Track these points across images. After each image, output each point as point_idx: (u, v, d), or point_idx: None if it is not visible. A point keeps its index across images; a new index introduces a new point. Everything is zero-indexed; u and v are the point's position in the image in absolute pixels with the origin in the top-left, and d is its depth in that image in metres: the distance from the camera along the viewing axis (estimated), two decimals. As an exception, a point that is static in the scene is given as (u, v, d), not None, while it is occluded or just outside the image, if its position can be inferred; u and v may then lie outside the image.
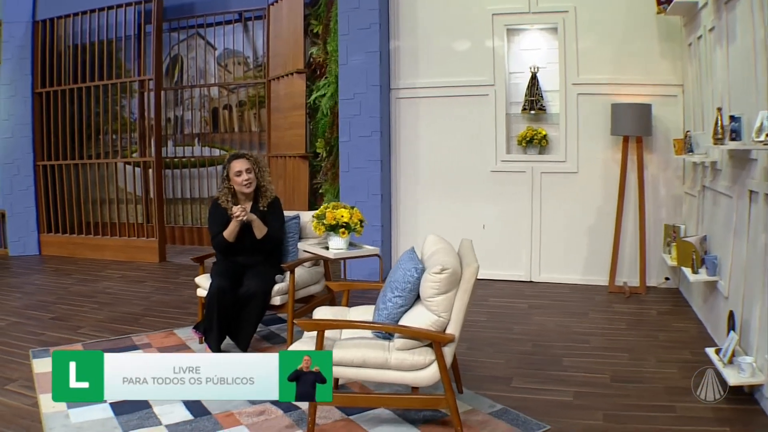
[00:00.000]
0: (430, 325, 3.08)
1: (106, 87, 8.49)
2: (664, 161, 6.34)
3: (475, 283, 3.13)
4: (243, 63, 8.99)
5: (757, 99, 3.80)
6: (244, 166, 4.64)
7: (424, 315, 3.12)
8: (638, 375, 4.15)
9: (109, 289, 6.70)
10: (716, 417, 3.48)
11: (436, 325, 3.08)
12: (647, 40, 6.27)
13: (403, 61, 7.00)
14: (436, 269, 3.05)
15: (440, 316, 3.08)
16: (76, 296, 6.38)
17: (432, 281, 3.06)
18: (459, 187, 6.86)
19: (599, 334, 5.04)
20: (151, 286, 6.81)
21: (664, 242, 6.10)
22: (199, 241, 9.15)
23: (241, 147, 8.90)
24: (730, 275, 4.39)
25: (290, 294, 4.46)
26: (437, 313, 3.08)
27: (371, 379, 3.19)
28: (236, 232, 4.60)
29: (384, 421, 3.46)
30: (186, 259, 8.20)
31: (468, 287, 3.09)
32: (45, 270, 7.81)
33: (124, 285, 6.88)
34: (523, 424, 3.46)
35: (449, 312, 3.09)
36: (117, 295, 6.41)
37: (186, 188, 9.27)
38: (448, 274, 3.05)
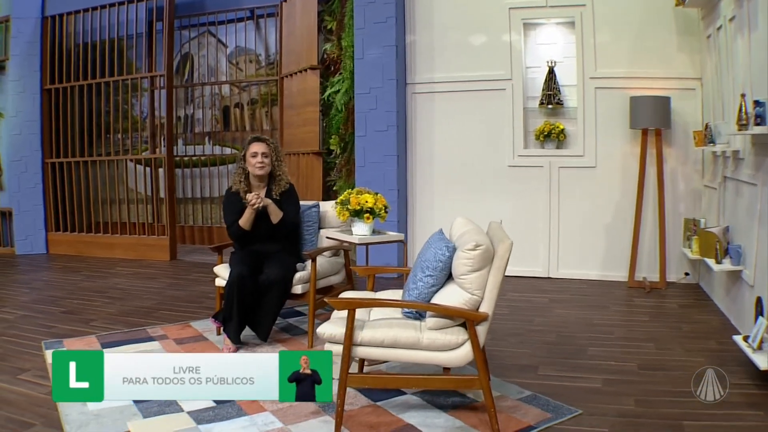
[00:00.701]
0: (463, 304, 3.07)
1: (117, 84, 8.52)
2: (683, 155, 6.34)
3: (508, 261, 3.12)
4: (255, 61, 9.01)
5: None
6: (260, 149, 4.65)
7: (456, 293, 3.11)
8: (666, 363, 4.13)
9: (120, 285, 6.69)
10: (747, 402, 3.47)
11: (470, 304, 3.07)
12: (665, 34, 6.28)
13: (419, 55, 7.02)
14: (469, 246, 3.04)
15: (473, 294, 3.06)
16: (87, 291, 6.37)
17: (465, 258, 3.05)
18: (476, 182, 6.86)
19: (622, 325, 5.02)
20: (163, 282, 6.80)
21: (684, 236, 6.09)
22: (209, 240, 9.14)
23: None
24: (755, 263, 4.38)
25: (312, 282, 4.45)
26: (470, 291, 3.07)
27: (402, 360, 3.17)
28: (252, 219, 4.59)
29: (412, 407, 3.45)
30: (198, 257, 8.21)
31: (501, 264, 3.08)
32: (53, 267, 7.81)
33: (135, 281, 6.87)
34: (555, 409, 3.44)
35: (482, 290, 3.08)
36: (128, 291, 6.40)
37: (197, 188, 9.28)
38: (481, 251, 3.04)
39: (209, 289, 6.36)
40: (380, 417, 3.33)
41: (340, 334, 3.09)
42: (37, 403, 3.55)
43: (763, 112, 4.02)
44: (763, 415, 3.29)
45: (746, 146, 4.70)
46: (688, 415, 3.31)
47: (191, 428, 3.19)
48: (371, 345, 3.09)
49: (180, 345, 4.58)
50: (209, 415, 3.35)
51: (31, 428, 3.20)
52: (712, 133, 5.38)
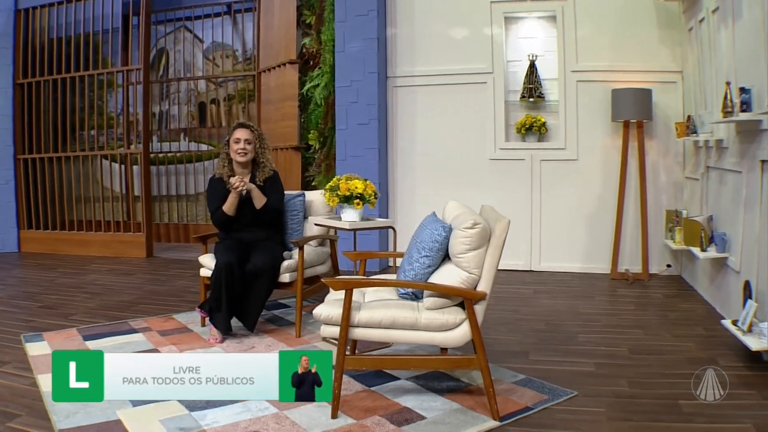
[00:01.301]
0: (461, 283, 3.06)
1: (91, 78, 8.37)
2: (664, 148, 6.41)
3: (505, 240, 3.12)
4: (231, 56, 8.94)
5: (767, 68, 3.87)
6: (244, 136, 4.61)
7: (454, 273, 3.10)
8: (656, 348, 4.17)
9: (98, 281, 6.57)
10: (740, 382, 3.50)
11: (468, 283, 3.06)
12: (646, 27, 6.36)
13: (400, 48, 7.02)
14: (467, 224, 3.04)
15: (471, 273, 3.06)
16: (64, 287, 6.24)
17: (463, 236, 3.04)
18: (457, 176, 6.87)
19: (609, 314, 5.06)
20: (142, 278, 6.69)
21: (666, 228, 6.16)
22: (185, 238, 9.03)
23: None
24: (741, 249, 4.44)
25: (299, 270, 4.41)
26: (468, 270, 3.06)
27: (399, 341, 3.15)
28: (236, 204, 4.54)
29: (407, 391, 3.42)
30: (175, 254, 8.10)
31: (499, 243, 3.08)
32: (27, 265, 7.64)
33: (113, 277, 6.75)
34: (550, 391, 3.44)
35: (480, 269, 3.07)
36: (107, 286, 6.28)
37: (172, 185, 9.16)
38: (479, 229, 3.04)
39: (190, 284, 6.28)
40: (376, 401, 3.30)
41: (336, 315, 3.06)
42: (20, 394, 3.47)
43: (749, 99, 4.08)
44: (756, 394, 3.33)
45: (730, 135, 4.77)
46: (682, 395, 3.33)
47: (184, 415, 3.13)
48: (369, 326, 3.07)
49: (164, 337, 4.50)
50: (201, 402, 3.27)
51: (16, 419, 3.11)
52: (694, 123, 5.45)
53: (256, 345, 4.27)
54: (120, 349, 4.20)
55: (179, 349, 4.21)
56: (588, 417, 3.12)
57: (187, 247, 8.70)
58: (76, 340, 4.44)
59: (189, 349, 4.19)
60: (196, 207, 9.10)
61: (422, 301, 3.15)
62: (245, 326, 4.41)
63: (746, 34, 4.34)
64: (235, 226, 4.62)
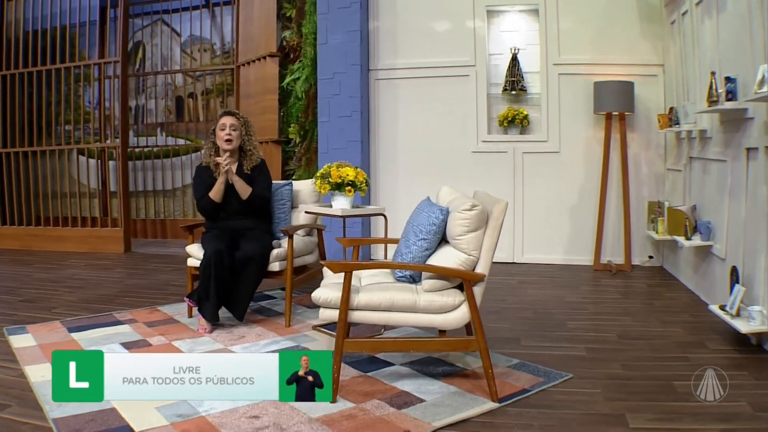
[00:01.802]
0: (459, 265, 3.09)
1: (67, 71, 8.25)
2: (645, 140, 6.52)
3: (502, 222, 3.15)
4: (209, 50, 8.88)
5: (753, 57, 3.95)
6: (229, 122, 4.60)
7: (452, 255, 3.12)
8: (644, 333, 4.23)
9: (77, 275, 6.48)
10: (731, 364, 3.57)
11: (466, 264, 3.09)
12: (627, 21, 6.47)
13: (382, 41, 7.04)
14: (465, 206, 3.07)
15: (470, 255, 3.09)
16: (43, 282, 6.15)
17: (462, 218, 3.07)
18: (440, 168, 6.90)
19: (595, 302, 5.13)
20: (122, 272, 6.62)
21: (648, 219, 6.26)
22: (162, 234, 8.96)
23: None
24: (726, 236, 4.53)
25: (289, 259, 4.41)
26: (467, 252, 3.09)
27: (398, 323, 3.16)
28: (222, 191, 4.52)
29: (403, 376, 3.44)
30: (153, 250, 8.03)
31: (497, 225, 3.12)
32: (2, 261, 7.50)
33: (92, 272, 6.67)
34: (545, 374, 3.48)
35: (478, 250, 3.11)
36: (87, 280, 6.21)
37: (148, 180, 9.07)
38: (478, 211, 3.07)
39: (172, 278, 6.24)
40: (373, 386, 3.31)
41: (335, 298, 3.06)
42: (7, 385, 3.41)
43: (735, 88, 4.17)
44: (748, 375, 3.40)
45: (714, 125, 4.86)
46: (675, 377, 3.39)
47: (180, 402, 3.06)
48: (368, 309, 3.08)
49: (151, 327, 4.45)
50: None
51: (6, 409, 3.06)
52: (677, 115, 5.55)
53: (245, 335, 4.25)
54: (107, 340, 4.14)
55: (168, 339, 4.17)
56: (585, 398, 3.15)
57: (164, 243, 8.63)
58: (60, 332, 4.37)
59: (178, 340, 4.15)
60: (173, 203, 9.02)
61: (420, 284, 3.16)
62: (234, 315, 4.39)
63: (731, 25, 4.43)
64: (222, 215, 4.60)
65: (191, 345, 4.04)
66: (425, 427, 2.81)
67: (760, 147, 3.87)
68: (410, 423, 2.86)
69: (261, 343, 4.07)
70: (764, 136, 3.84)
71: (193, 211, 8.87)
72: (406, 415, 2.95)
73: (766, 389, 3.19)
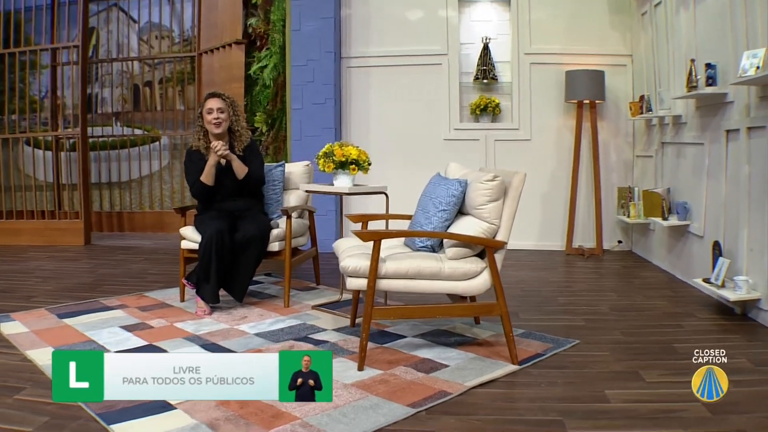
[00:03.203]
0: (481, 233, 3.34)
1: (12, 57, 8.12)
2: (614, 128, 6.93)
3: (521, 192, 3.42)
4: (168, 38, 8.89)
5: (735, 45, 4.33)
6: (216, 105, 4.69)
7: (473, 224, 3.38)
8: (633, 306, 4.59)
9: (43, 266, 6.41)
10: (722, 329, 3.95)
11: (488, 233, 3.35)
12: (598, 13, 6.88)
13: (354, 29, 7.24)
14: (487, 177, 3.33)
15: (492, 223, 3.35)
16: (9, 273, 6.06)
17: (484, 188, 3.33)
18: (412, 156, 7.15)
19: (578, 281, 5.48)
20: (91, 263, 6.60)
21: (618, 205, 6.65)
22: (119, 227, 8.90)
23: (166, 126, 8.81)
24: (705, 215, 4.91)
25: (287, 239, 4.57)
26: (489, 220, 3.34)
27: (423, 291, 3.37)
28: (213, 173, 4.64)
29: (419, 346, 3.66)
30: (115, 242, 8.00)
31: (516, 195, 3.38)
32: (-48, 256, 7.37)
33: (57, 263, 6.61)
34: (553, 341, 3.76)
35: (499, 219, 3.37)
36: (57, 271, 6.17)
37: (104, 172, 8.98)
38: (499, 181, 3.34)
39: (146, 267, 6.28)
40: (394, 355, 3.52)
41: (364, 267, 3.26)
42: (15, 369, 3.44)
43: (715, 74, 4.56)
44: (740, 337, 3.76)
45: (688, 110, 5.26)
46: (675, 341, 3.73)
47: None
48: (395, 277, 3.29)
49: (147, 312, 4.51)
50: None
51: (21, 392, 3.11)
52: (650, 102, 5.94)
53: (247, 315, 4.39)
54: (105, 324, 4.19)
55: (169, 322, 4.25)
56: (597, 359, 3.45)
57: (122, 236, 8.60)
58: (50, 318, 4.38)
59: (180, 322, 4.24)
60: (129, 195, 8.98)
61: (444, 252, 3.39)
62: (234, 297, 4.52)
63: (709, 15, 4.82)
64: (217, 197, 4.72)
65: (196, 326, 4.14)
66: (458, 387, 3.04)
67: (741, 128, 4.25)
68: (443, 384, 3.09)
69: (267, 322, 4.22)
70: (745, 118, 4.22)
71: (150, 203, 8.88)
72: (436, 378, 3.17)
73: (760, 348, 3.56)
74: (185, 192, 8.73)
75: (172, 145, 8.90)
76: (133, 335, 3.97)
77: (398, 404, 2.85)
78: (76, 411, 2.85)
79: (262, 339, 3.86)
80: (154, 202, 8.93)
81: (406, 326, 4.03)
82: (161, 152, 8.90)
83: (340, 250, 3.68)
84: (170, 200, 8.90)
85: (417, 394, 2.97)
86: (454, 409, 2.82)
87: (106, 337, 3.92)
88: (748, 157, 4.20)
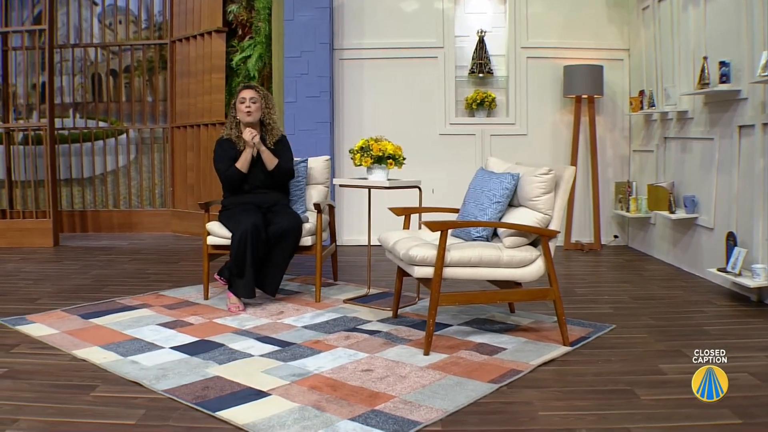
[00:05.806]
0: (536, 223, 4.05)
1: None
2: (611, 123, 7.71)
3: (571, 185, 4.10)
4: (132, 22, 9.24)
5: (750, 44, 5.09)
6: (249, 95, 5.25)
7: (528, 215, 4.09)
8: (652, 296, 5.33)
9: (23, 269, 6.66)
10: (745, 314, 4.72)
11: (542, 223, 4.06)
12: (596, 6, 7.65)
13: (347, 20, 7.82)
14: (543, 170, 4.04)
15: (546, 214, 4.05)
16: (-7, 276, 6.32)
17: (539, 182, 4.03)
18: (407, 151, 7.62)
19: (589, 274, 6.21)
20: (77, 264, 6.91)
21: (616, 199, 7.43)
22: (82, 227, 9.19)
23: (131, 119, 9.16)
24: (715, 208, 5.69)
25: (318, 233, 5.14)
26: (544, 211, 4.04)
27: (484, 278, 4.02)
28: (249, 160, 5.18)
29: (470, 333, 4.29)
30: (84, 243, 8.30)
31: (567, 187, 4.09)
32: None
33: (38, 265, 6.87)
34: (591, 326, 4.45)
35: (552, 210, 4.07)
36: (44, 272, 6.46)
37: (63, 168, 9.20)
38: (553, 175, 4.05)
39: (142, 267, 6.69)
40: (450, 341, 4.14)
41: (431, 255, 3.87)
42: (73, 369, 3.71)
43: (728, 72, 5.32)
44: (764, 321, 4.53)
45: (696, 106, 6.04)
46: (704, 324, 4.47)
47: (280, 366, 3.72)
48: (459, 265, 3.91)
49: (175, 310, 4.94)
50: (287, 355, 3.90)
51: (95, 389, 3.39)
52: (652, 97, 6.72)
53: (283, 310, 4.92)
54: (139, 323, 4.58)
55: (206, 318, 4.72)
56: (639, 340, 4.15)
57: (87, 236, 8.87)
58: (73, 319, 4.68)
59: (218, 318, 4.73)
60: (93, 192, 9.28)
61: (502, 241, 4.04)
62: (266, 292, 5.05)
63: (722, 14, 5.59)
64: (246, 187, 5.25)
65: (238, 322, 4.63)
66: (525, 366, 3.69)
67: (757, 124, 5.02)
68: (510, 363, 3.73)
69: (307, 316, 4.77)
70: (761, 114, 4.99)
71: (116, 201, 9.21)
72: (501, 359, 3.81)
73: (785, 329, 4.33)
74: (155, 189, 9.12)
75: (140, 138, 9.26)
76: (177, 332, 4.41)
77: (479, 381, 3.47)
78: (169, 402, 3.22)
79: (313, 331, 4.40)
80: (120, 200, 9.27)
81: (447, 316, 4.66)
82: (129, 146, 9.25)
83: (391, 242, 4.28)
84: (138, 199, 9.26)
85: (491, 372, 3.60)
86: (531, 383, 3.46)
87: (150, 335, 4.33)
88: (763, 151, 4.97)
